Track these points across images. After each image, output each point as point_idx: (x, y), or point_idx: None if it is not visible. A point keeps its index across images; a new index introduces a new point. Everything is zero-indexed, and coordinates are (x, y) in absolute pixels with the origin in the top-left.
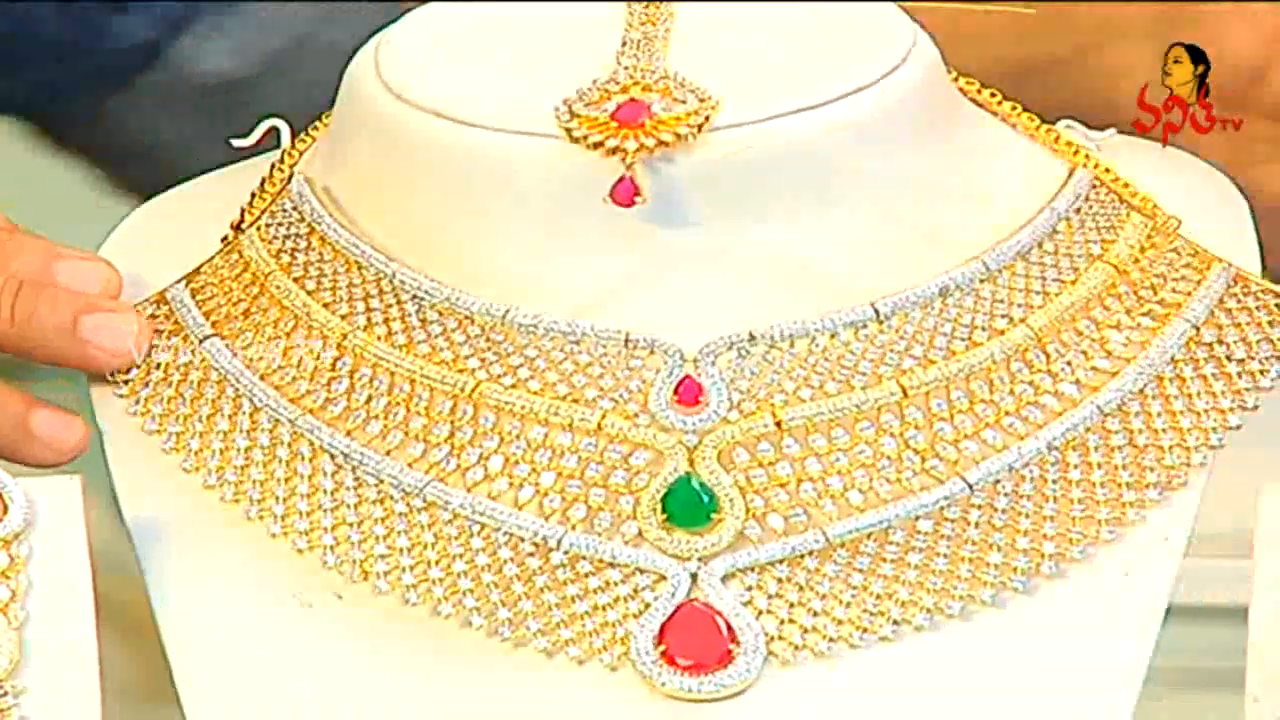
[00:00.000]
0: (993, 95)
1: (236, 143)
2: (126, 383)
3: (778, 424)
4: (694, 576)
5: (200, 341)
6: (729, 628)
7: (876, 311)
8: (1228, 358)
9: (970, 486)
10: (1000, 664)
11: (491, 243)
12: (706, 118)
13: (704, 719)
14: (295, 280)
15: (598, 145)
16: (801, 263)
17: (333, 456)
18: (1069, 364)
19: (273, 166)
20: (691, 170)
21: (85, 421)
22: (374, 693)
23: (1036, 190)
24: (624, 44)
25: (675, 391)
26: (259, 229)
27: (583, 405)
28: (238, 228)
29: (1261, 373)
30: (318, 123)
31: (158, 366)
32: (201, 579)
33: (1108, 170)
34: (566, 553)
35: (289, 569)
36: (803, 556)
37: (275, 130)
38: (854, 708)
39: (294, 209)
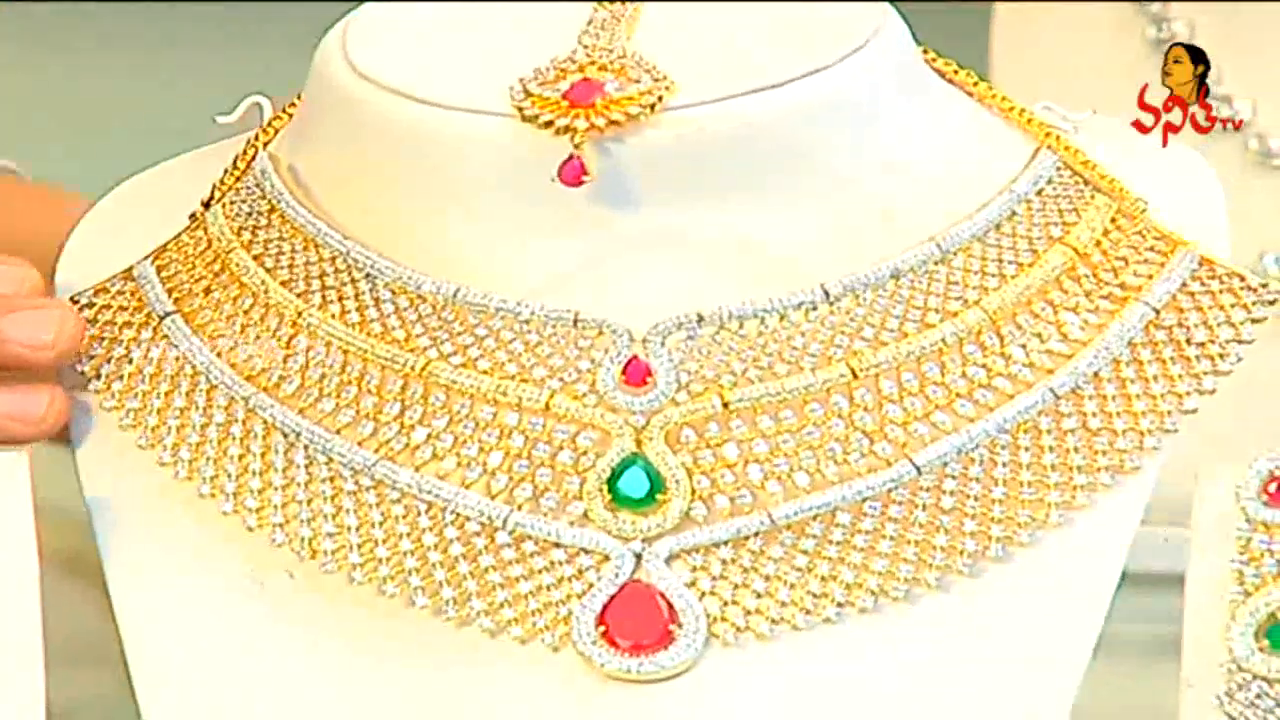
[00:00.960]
0: (969, 76)
1: (220, 119)
2: (91, 358)
3: (725, 405)
4: (638, 557)
5: (161, 318)
6: (670, 608)
7: (826, 293)
8: (1188, 341)
9: (918, 469)
10: (943, 647)
11: (445, 222)
12: (659, 98)
13: (643, 699)
14: (255, 258)
15: (548, 124)
16: (754, 244)
17: (285, 435)
18: (1023, 347)
19: (247, 144)
20: (644, 151)
21: (59, 390)
22: (319, 670)
23: (1002, 172)
24: (589, 23)
25: (623, 372)
26: (224, 206)
27: (531, 385)
28: (207, 204)
29: (1221, 356)
30: (295, 100)
31: (119, 342)
32: (155, 555)
33: (1076, 152)
34: (512, 532)
35: (242, 547)
36: (748, 538)
37: (259, 107)
38: (794, 690)
39: (257, 187)
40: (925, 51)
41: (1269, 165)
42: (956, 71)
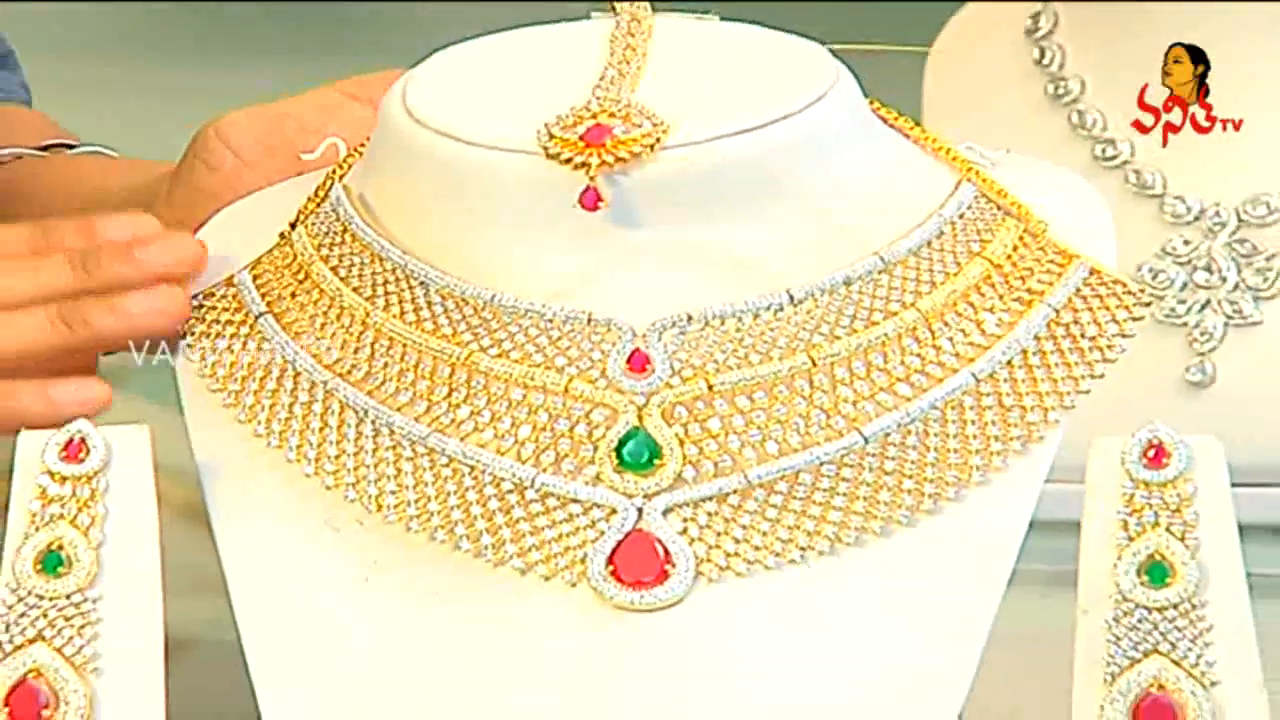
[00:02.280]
0: (906, 121)
1: (305, 157)
2: (200, 349)
3: (710, 388)
4: (640, 510)
5: (256, 318)
6: (666, 552)
7: (791, 296)
8: (1081, 335)
9: (865, 439)
10: (886, 582)
11: (484, 239)
12: (658, 139)
13: (644, 625)
14: (331, 269)
15: (568, 161)
16: (735, 257)
17: (356, 412)
18: (950, 340)
19: (325, 177)
20: (645, 182)
21: (178, 290)
22: (382, 599)
23: (932, 199)
24: (601, 78)
25: (628, 361)
26: (307, 227)
27: (554, 372)
28: (293, 226)
29: (1109, 348)
30: (366, 141)
31: (222, 336)
32: (251, 507)
33: (992, 183)
34: (538, 490)
35: (321, 501)
36: (728, 495)
37: (336, 146)
38: (767, 617)
39: (333, 211)
40: (872, 101)
41: (1144, 195)
42: (896, 117)
